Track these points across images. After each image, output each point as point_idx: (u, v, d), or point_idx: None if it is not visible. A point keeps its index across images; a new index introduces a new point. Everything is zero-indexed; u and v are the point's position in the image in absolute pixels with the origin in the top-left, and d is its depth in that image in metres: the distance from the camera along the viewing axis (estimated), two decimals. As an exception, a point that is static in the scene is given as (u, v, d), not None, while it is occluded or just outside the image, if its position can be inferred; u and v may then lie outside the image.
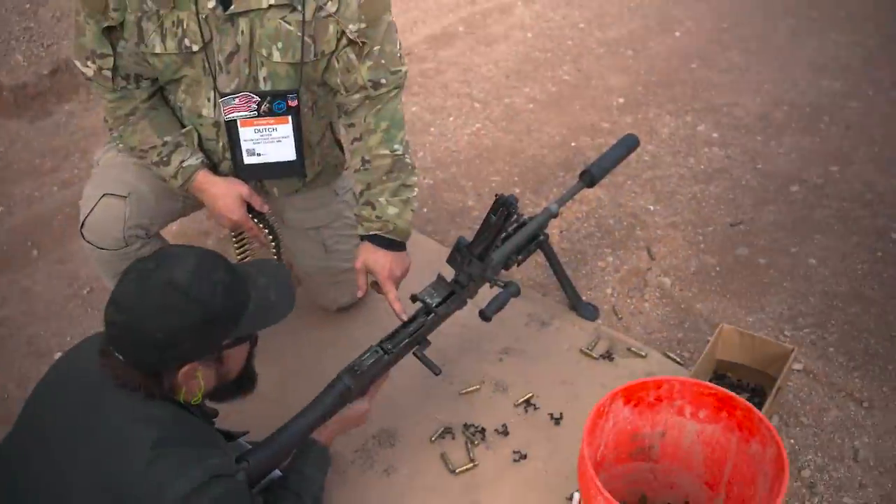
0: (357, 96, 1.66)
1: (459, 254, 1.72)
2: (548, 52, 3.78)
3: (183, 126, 1.68)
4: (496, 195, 1.61)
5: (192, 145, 1.68)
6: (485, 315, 1.73)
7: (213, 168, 1.72)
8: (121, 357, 1.21)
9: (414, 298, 1.70)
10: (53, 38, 3.04)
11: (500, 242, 1.80)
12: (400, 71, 1.67)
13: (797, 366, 1.98)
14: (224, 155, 1.71)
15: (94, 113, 3.02)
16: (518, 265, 1.95)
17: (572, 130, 3.10)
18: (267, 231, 1.83)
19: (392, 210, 1.69)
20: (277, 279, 1.36)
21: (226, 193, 1.70)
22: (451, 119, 3.19)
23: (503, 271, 1.91)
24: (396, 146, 1.70)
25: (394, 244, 1.70)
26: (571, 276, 2.17)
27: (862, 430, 1.83)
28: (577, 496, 1.50)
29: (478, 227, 1.69)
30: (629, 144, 2.20)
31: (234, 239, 1.88)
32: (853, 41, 3.83)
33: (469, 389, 1.92)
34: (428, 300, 1.69)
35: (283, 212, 1.93)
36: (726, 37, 3.91)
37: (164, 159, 1.65)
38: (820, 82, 3.47)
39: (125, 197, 1.66)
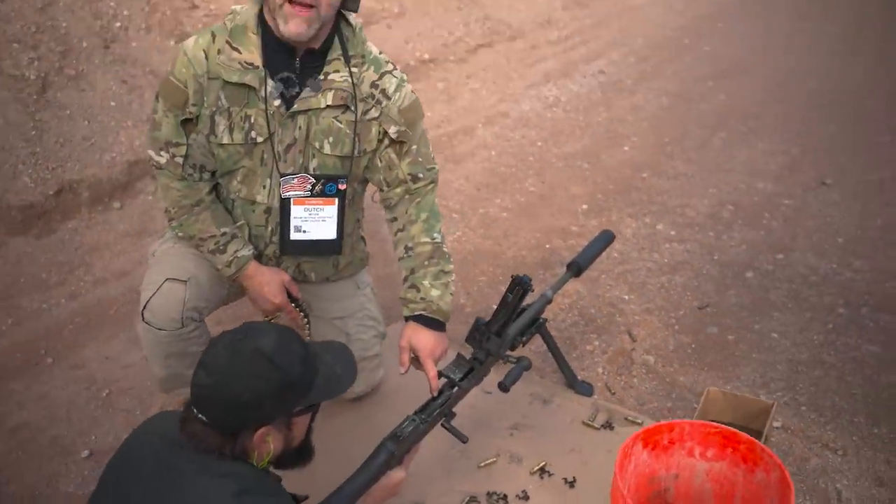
0: (398, 190, 1.91)
1: (478, 332, 1.92)
2: (512, 167, 4.15)
3: (233, 220, 1.88)
4: (512, 276, 1.84)
5: (244, 238, 1.88)
6: (503, 386, 1.91)
7: (259, 254, 1.91)
8: (203, 418, 1.35)
9: (439, 374, 1.88)
10: (58, 161, 3.23)
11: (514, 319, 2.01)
12: (434, 168, 1.94)
13: (776, 423, 2.20)
14: (271, 238, 1.91)
15: (96, 231, 3.18)
16: (523, 345, 2.15)
17: (545, 234, 3.40)
18: (302, 315, 2.01)
19: (435, 292, 1.89)
20: (342, 356, 1.54)
21: (271, 280, 1.89)
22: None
23: (509, 352, 2.11)
24: (436, 235, 1.93)
25: (436, 324, 1.89)
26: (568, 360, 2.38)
27: (841, 475, 2.04)
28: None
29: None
30: (607, 238, 2.48)
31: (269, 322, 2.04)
32: (779, 150, 4.34)
33: (487, 462, 2.07)
34: (452, 375, 1.87)
35: (312, 301, 2.11)
36: (669, 149, 4.37)
37: (221, 248, 1.84)
38: (756, 184, 3.90)
39: (185, 281, 1.83)
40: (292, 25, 1.63)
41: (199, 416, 1.35)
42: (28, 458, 2.15)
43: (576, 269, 2.31)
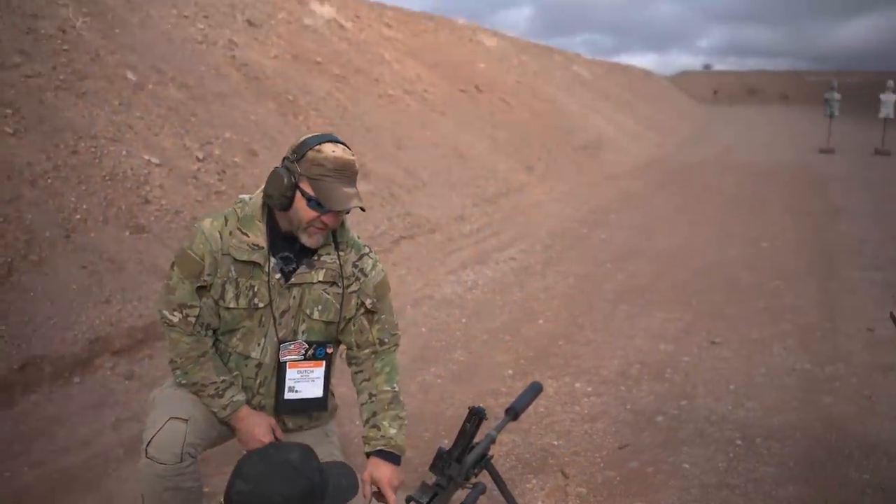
0: (367, 351, 2.28)
1: (440, 459, 2.23)
2: (441, 341, 4.57)
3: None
4: (469, 407, 2.20)
5: (239, 385, 2.18)
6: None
7: (248, 402, 2.20)
8: None
9: (409, 499, 2.15)
10: (22, 338, 3.43)
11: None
12: (397, 334, 2.34)
13: (696, 535, 2.53)
14: (258, 390, 2.20)
15: (57, 403, 3.33)
16: (475, 477, 2.45)
17: (479, 395, 3.76)
18: (283, 452, 2.27)
19: (392, 431, 2.21)
20: (345, 472, 1.83)
21: (261, 423, 2.17)
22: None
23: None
24: (395, 385, 2.29)
25: (393, 458, 2.19)
26: None
27: (754, 574, 2.37)
28: None
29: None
30: (536, 388, 2.86)
31: None
32: (674, 317, 4.97)
33: None
34: (420, 500, 2.15)
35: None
36: (580, 321, 4.92)
37: (220, 393, 2.12)
38: (657, 346, 4.45)
39: (187, 420, 2.08)
40: (314, 240, 2.09)
41: None
42: None
43: (513, 413, 2.66)
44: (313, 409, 2.28)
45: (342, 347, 2.37)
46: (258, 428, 2.16)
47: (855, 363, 4.23)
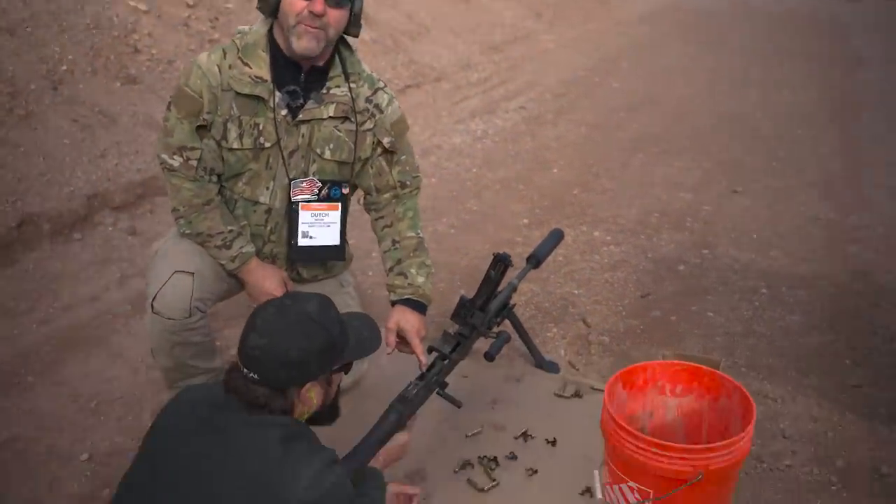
0: (387, 195, 2.12)
1: (463, 308, 2.12)
2: (452, 191, 4.41)
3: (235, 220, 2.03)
4: (494, 254, 2.07)
5: (247, 235, 2.03)
6: (489, 355, 2.11)
7: (257, 252, 2.07)
8: (255, 376, 1.49)
9: (431, 349, 2.06)
10: (17, 195, 3.27)
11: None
12: (419, 176, 2.17)
13: (723, 382, 2.48)
14: (269, 237, 2.06)
15: (59, 260, 3.23)
16: (498, 326, 2.36)
17: (494, 245, 3.64)
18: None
19: (420, 279, 2.09)
20: (367, 323, 1.72)
21: (273, 275, 2.04)
22: (387, 245, 3.65)
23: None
24: (419, 231, 2.14)
25: (420, 307, 2.08)
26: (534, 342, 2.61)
27: (782, 417, 2.33)
28: (596, 474, 1.84)
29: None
30: (557, 235, 2.74)
31: None
32: (693, 166, 4.78)
33: (474, 432, 2.25)
34: (442, 349, 2.06)
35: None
36: (595, 169, 4.74)
37: (227, 244, 1.98)
38: (676, 195, 4.29)
39: (192, 273, 1.96)
40: (304, 41, 1.84)
41: (251, 374, 1.48)
42: (25, 467, 2.19)
43: (535, 261, 2.55)
44: (329, 258, 2.15)
45: (359, 193, 2.21)
46: (269, 281, 2.03)
47: (880, 212, 4.09)
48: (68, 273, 3.17)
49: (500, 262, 2.06)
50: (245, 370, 1.49)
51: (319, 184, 2.02)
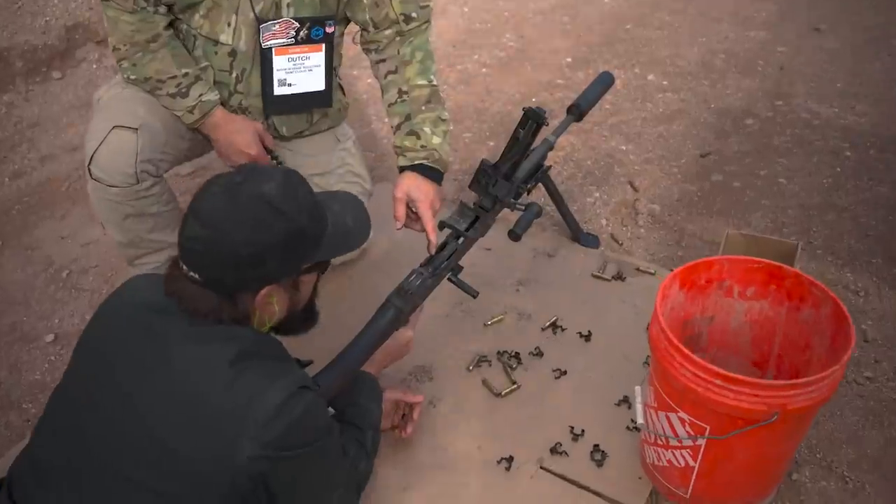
0: (388, 32, 1.66)
1: (484, 175, 1.72)
2: (487, 23, 3.84)
3: (195, 62, 1.61)
4: (524, 109, 1.62)
5: (209, 81, 1.62)
6: (515, 234, 1.73)
7: (224, 104, 1.66)
8: (196, 277, 1.14)
9: (442, 225, 1.69)
10: (-17, 29, 2.86)
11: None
12: (428, 6, 1.68)
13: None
14: (236, 87, 1.65)
15: (36, 103, 2.86)
16: (528, 194, 1.96)
17: (530, 88, 3.16)
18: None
19: (436, 139, 1.67)
20: (352, 207, 1.32)
21: (243, 129, 1.64)
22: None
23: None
24: (432, 77, 1.70)
25: (435, 174, 1.68)
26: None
27: (864, 315, 1.95)
28: (638, 390, 1.52)
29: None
30: (606, 80, 2.26)
31: None
32: (768, -3, 4.09)
33: (494, 320, 1.92)
34: (457, 226, 1.68)
35: (286, 157, 1.88)
36: (652, 0, 4.09)
37: (183, 91, 1.58)
38: (747, 33, 3.67)
39: (136, 129, 1.57)
40: None
41: (191, 274, 1.14)
42: (-15, 345, 1.95)
43: (577, 112, 2.11)
44: (314, 105, 1.74)
45: (353, 28, 1.76)
46: (240, 136, 1.64)
47: None
48: (46, 118, 2.81)
49: (532, 120, 1.62)
50: (185, 268, 1.14)
51: (296, 24, 1.56)
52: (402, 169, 1.71)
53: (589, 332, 1.87)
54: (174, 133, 1.65)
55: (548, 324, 1.90)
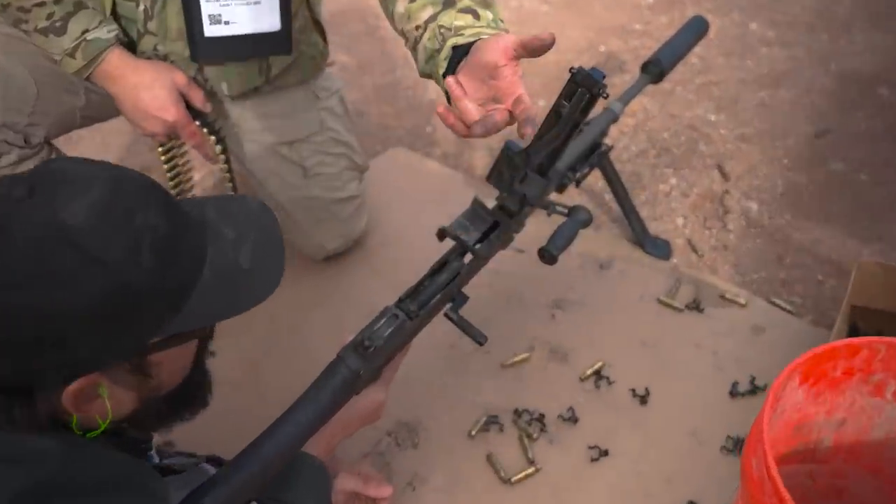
0: None
1: (510, 165, 1.16)
2: (553, -52, 3.18)
3: None
4: (572, 70, 1.03)
5: (101, 10, 1.10)
6: (548, 254, 1.18)
7: (131, 48, 1.14)
8: None
9: (442, 235, 1.15)
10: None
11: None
12: None
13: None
14: (146, 26, 1.13)
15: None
16: (577, 185, 1.41)
17: (599, 33, 2.54)
18: (214, 140, 1.26)
19: (491, 14, 1.05)
20: (258, 230, 0.80)
21: (155, 81, 1.12)
22: (449, 24, 2.61)
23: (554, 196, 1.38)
24: None
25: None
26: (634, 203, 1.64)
27: None
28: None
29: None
30: (698, 29, 1.69)
31: (164, 157, 1.29)
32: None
33: (515, 359, 1.39)
34: (463, 236, 1.14)
35: (239, 122, 1.36)
36: (761, -74, 3.34)
37: (57, 25, 1.07)
38: (882, -28, 2.93)
39: None
40: None
41: None
42: None
43: (656, 71, 1.56)
44: (266, 52, 1.20)
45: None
46: (148, 92, 1.13)
47: None
48: None
49: (583, 89, 1.03)
50: None
51: None
52: (454, 55, 1.00)
53: (647, 390, 1.33)
54: (56, 85, 1.14)
55: (590, 371, 1.37)
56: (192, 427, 0.93)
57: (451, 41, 0.98)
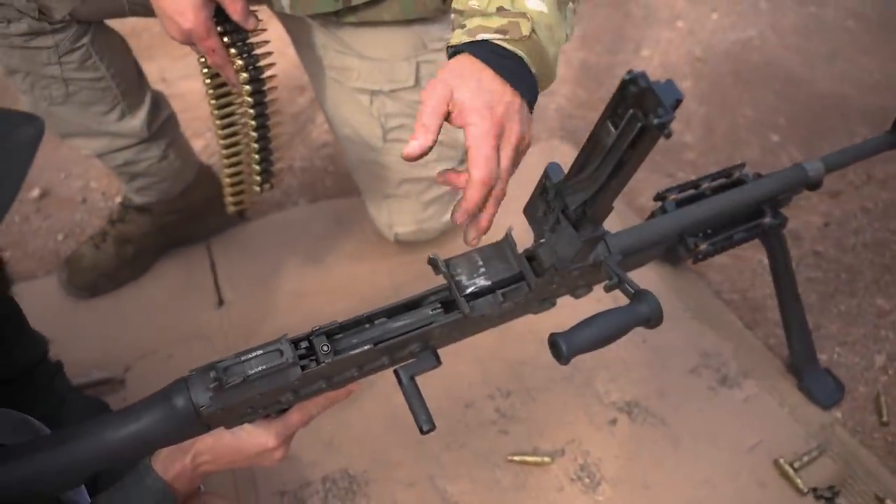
0: None
1: (544, 201, 0.76)
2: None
3: None
4: (626, 76, 0.60)
5: None
6: (556, 349, 0.76)
7: None
8: None
9: (435, 265, 0.79)
10: None
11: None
12: None
13: None
14: None
15: None
16: (703, 259, 0.96)
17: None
18: (242, 63, 1.00)
19: (534, 4, 0.74)
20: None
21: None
22: (714, 16, 2.11)
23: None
24: None
25: (518, 72, 0.73)
26: (813, 311, 1.13)
27: None
28: None
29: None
30: None
31: (202, 64, 1.06)
32: None
33: (528, 458, 1.01)
34: (460, 278, 0.78)
35: (322, 54, 1.11)
36: None
37: None
38: None
39: None
40: None
41: None
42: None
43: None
44: None
45: None
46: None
47: None
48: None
49: (635, 108, 0.59)
50: None
51: None
52: (450, 56, 0.76)
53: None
54: None
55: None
56: None
57: (453, 35, 0.77)
